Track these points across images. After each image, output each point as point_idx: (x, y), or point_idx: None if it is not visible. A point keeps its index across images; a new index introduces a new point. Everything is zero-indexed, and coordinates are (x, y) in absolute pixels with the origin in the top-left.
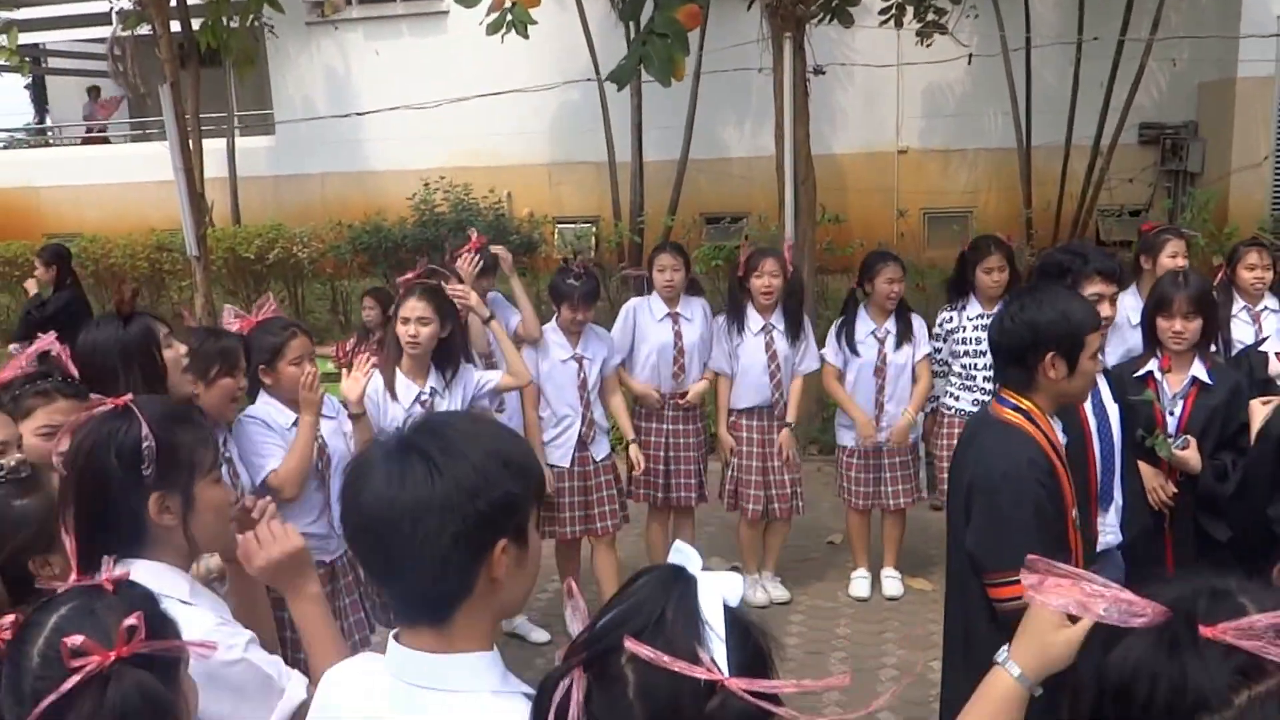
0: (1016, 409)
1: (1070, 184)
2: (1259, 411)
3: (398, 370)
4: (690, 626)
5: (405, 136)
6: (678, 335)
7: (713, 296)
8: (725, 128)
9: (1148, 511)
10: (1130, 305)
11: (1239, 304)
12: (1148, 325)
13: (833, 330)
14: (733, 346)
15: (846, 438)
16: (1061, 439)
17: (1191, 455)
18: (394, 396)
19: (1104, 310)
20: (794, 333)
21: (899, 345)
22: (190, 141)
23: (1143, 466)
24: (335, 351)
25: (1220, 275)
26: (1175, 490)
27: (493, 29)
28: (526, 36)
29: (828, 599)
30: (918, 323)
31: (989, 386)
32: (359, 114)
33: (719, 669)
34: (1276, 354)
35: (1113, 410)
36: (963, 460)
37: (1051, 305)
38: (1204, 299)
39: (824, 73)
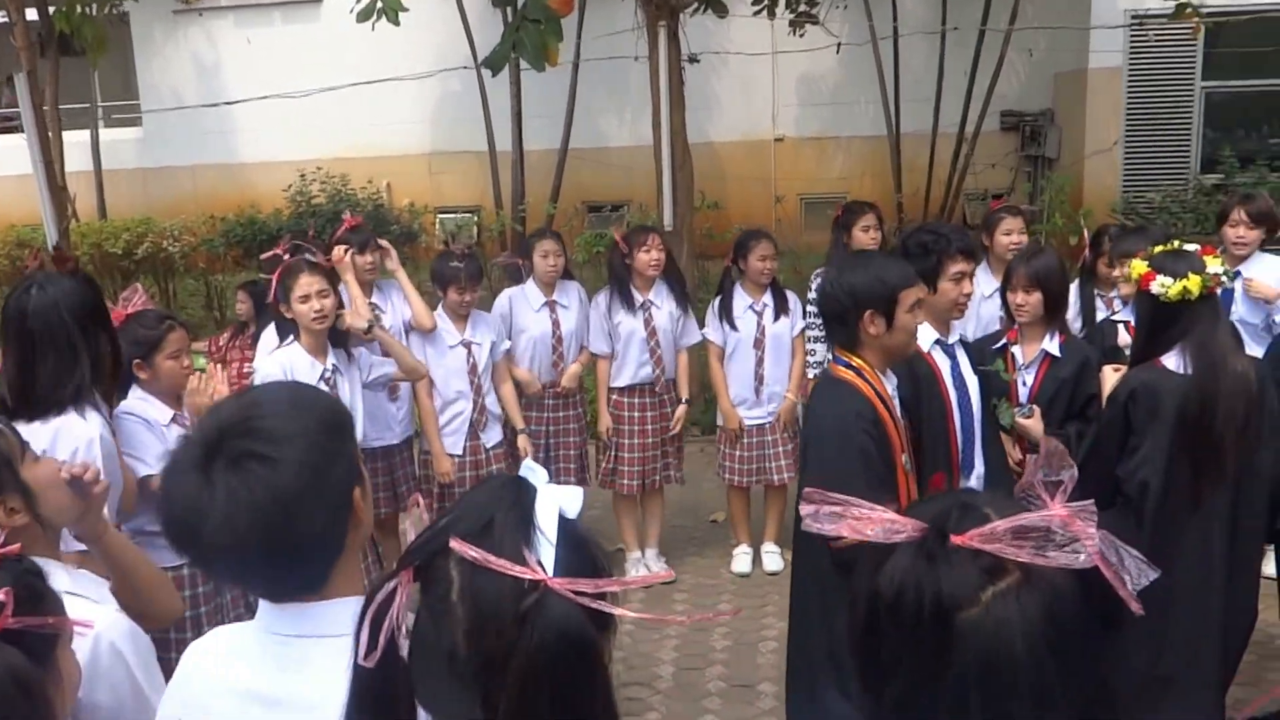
0: (848, 366)
1: (938, 169)
2: (1109, 378)
3: (300, 348)
4: (519, 530)
5: (280, 127)
6: (555, 324)
7: (596, 284)
8: (605, 116)
9: (1009, 478)
10: (981, 280)
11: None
12: (1004, 299)
13: (711, 308)
14: (613, 325)
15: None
16: (893, 393)
17: (1034, 424)
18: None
19: (965, 287)
20: (680, 302)
21: (777, 317)
22: (50, 133)
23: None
24: (209, 346)
25: (1083, 259)
26: (1021, 457)
27: (363, 16)
28: (397, 23)
29: (710, 576)
30: (792, 297)
31: None
32: (228, 103)
33: (543, 570)
34: (1126, 325)
35: (972, 382)
36: (807, 417)
37: (865, 269)
38: (1043, 274)
39: (698, 61)
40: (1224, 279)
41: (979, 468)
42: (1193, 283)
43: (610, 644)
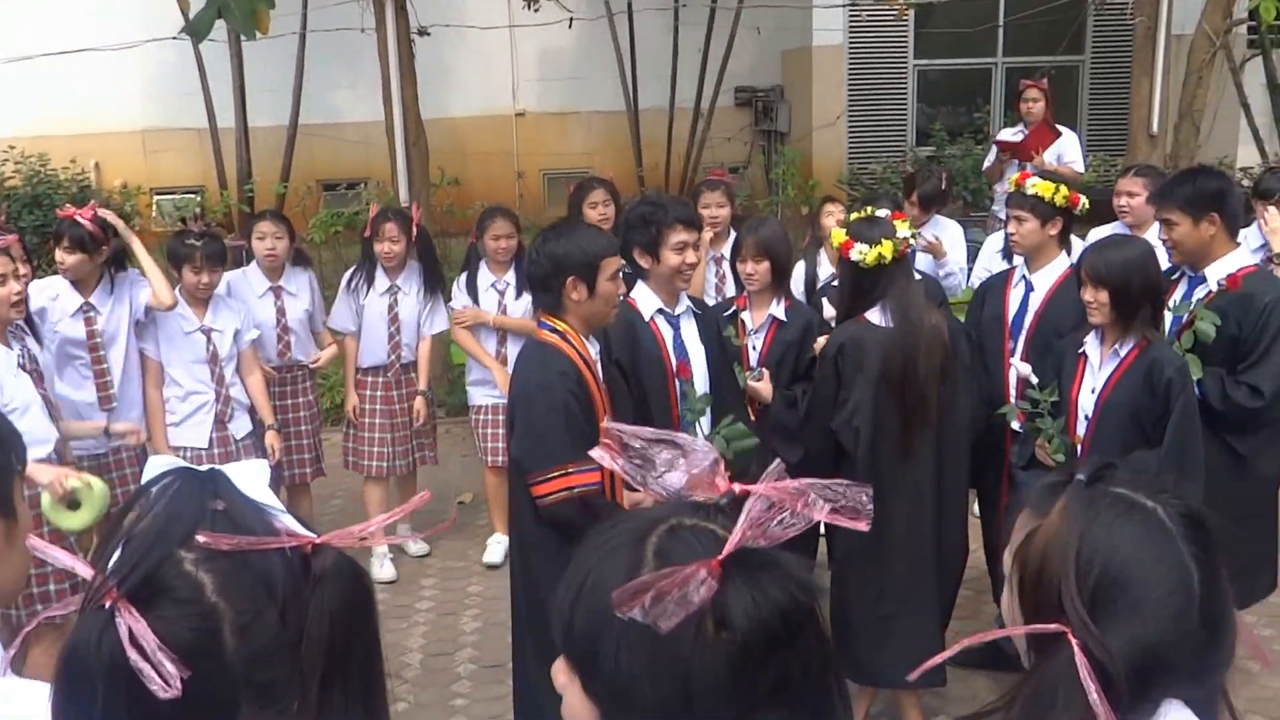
0: (553, 330)
1: (676, 144)
2: (820, 345)
3: None
4: (251, 508)
5: None
6: (280, 311)
7: (334, 265)
8: (337, 91)
9: None
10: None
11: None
12: (734, 268)
13: (457, 284)
14: (359, 305)
15: (478, 396)
16: (596, 358)
17: (764, 386)
18: None
19: (688, 256)
20: (429, 289)
21: (519, 294)
22: None
23: None
24: None
25: (809, 238)
26: (754, 418)
27: None
28: None
29: (459, 558)
30: None
31: None
32: None
33: (305, 533)
34: (827, 299)
35: (697, 351)
36: (513, 379)
37: (568, 237)
38: (769, 243)
39: (429, 34)
40: (911, 241)
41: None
42: (886, 248)
43: None
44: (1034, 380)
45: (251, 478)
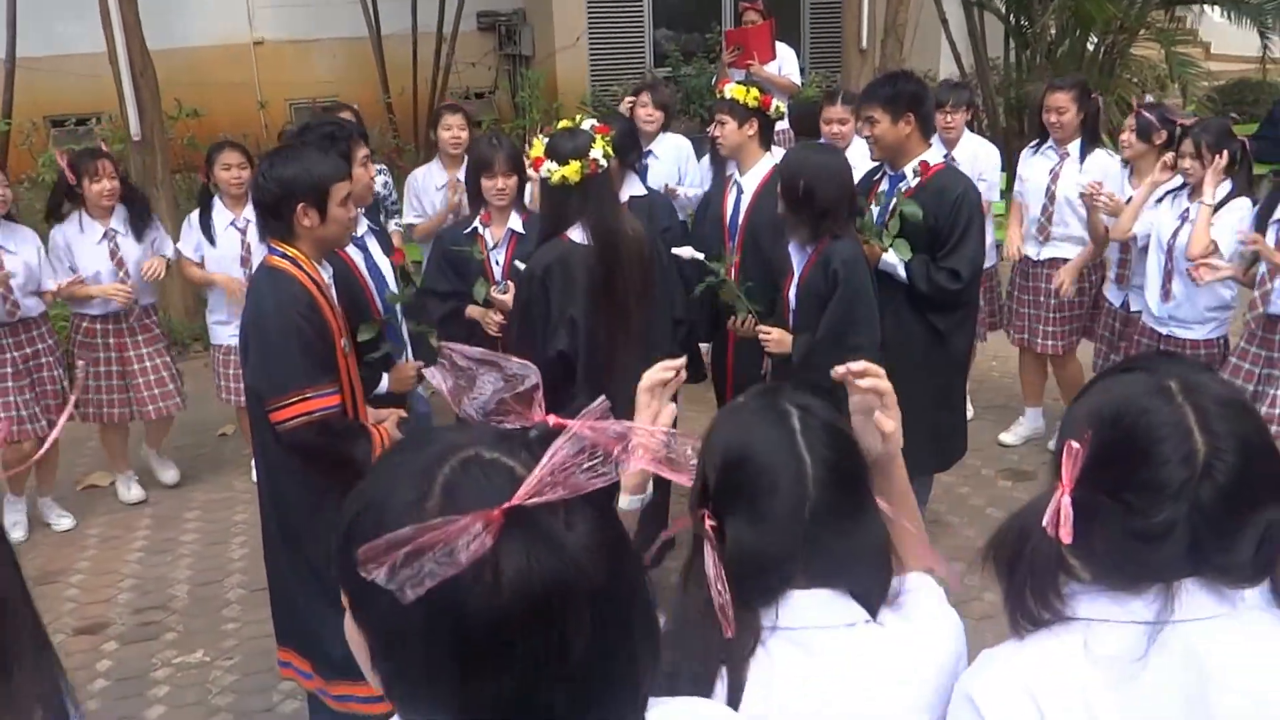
0: (284, 256)
1: (422, 70)
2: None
3: None
4: None
5: None
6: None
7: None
8: (59, 20)
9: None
10: (434, 172)
11: None
12: (474, 186)
13: (188, 223)
14: (73, 259)
15: (219, 335)
16: (329, 282)
17: (508, 299)
18: None
19: (371, 170)
20: (139, 232)
21: (263, 235)
22: None
23: (472, 309)
24: None
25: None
26: (504, 320)
27: None
28: None
29: (223, 489)
30: None
31: None
32: None
33: None
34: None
35: (385, 265)
36: (244, 308)
37: (296, 161)
38: (518, 159)
39: None
40: (601, 161)
41: (408, 349)
42: (570, 170)
43: None
44: (700, 256)
45: None
